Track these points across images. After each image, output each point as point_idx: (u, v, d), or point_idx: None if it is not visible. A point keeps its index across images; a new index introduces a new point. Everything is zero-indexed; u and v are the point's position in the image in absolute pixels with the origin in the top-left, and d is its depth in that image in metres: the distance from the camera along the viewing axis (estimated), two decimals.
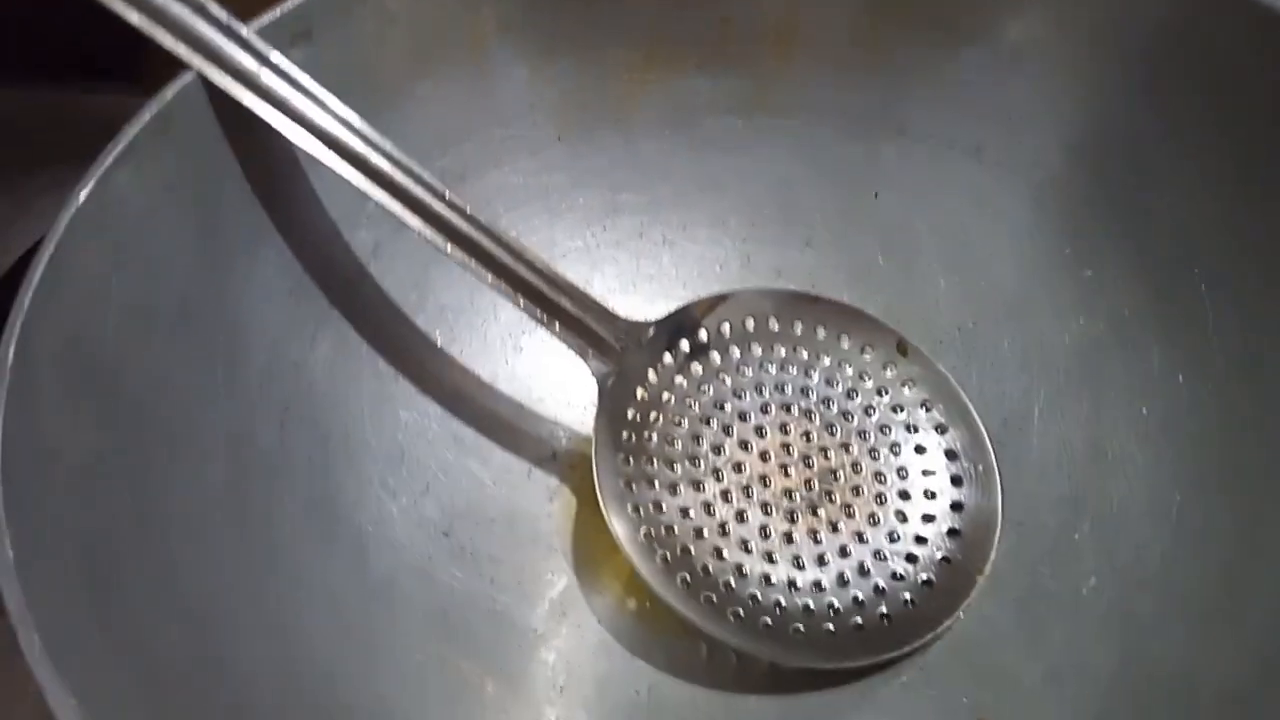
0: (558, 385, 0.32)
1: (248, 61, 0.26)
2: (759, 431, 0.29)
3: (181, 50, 0.25)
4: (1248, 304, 0.26)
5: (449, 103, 0.31)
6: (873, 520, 0.28)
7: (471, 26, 0.30)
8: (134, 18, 0.24)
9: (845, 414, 0.29)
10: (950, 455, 0.29)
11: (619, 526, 0.27)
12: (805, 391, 0.30)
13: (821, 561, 0.27)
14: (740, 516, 0.28)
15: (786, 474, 0.28)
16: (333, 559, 0.26)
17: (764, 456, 0.29)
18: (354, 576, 0.26)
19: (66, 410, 0.21)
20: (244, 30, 0.26)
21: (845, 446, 0.29)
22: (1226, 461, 0.26)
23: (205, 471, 0.24)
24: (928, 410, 0.30)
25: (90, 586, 0.20)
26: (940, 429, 0.29)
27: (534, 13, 0.31)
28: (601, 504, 0.27)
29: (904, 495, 0.28)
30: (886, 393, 0.30)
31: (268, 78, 0.26)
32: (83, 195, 0.23)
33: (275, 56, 0.26)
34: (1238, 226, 0.27)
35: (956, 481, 0.29)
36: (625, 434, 0.28)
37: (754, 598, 0.27)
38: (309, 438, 0.27)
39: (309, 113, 0.26)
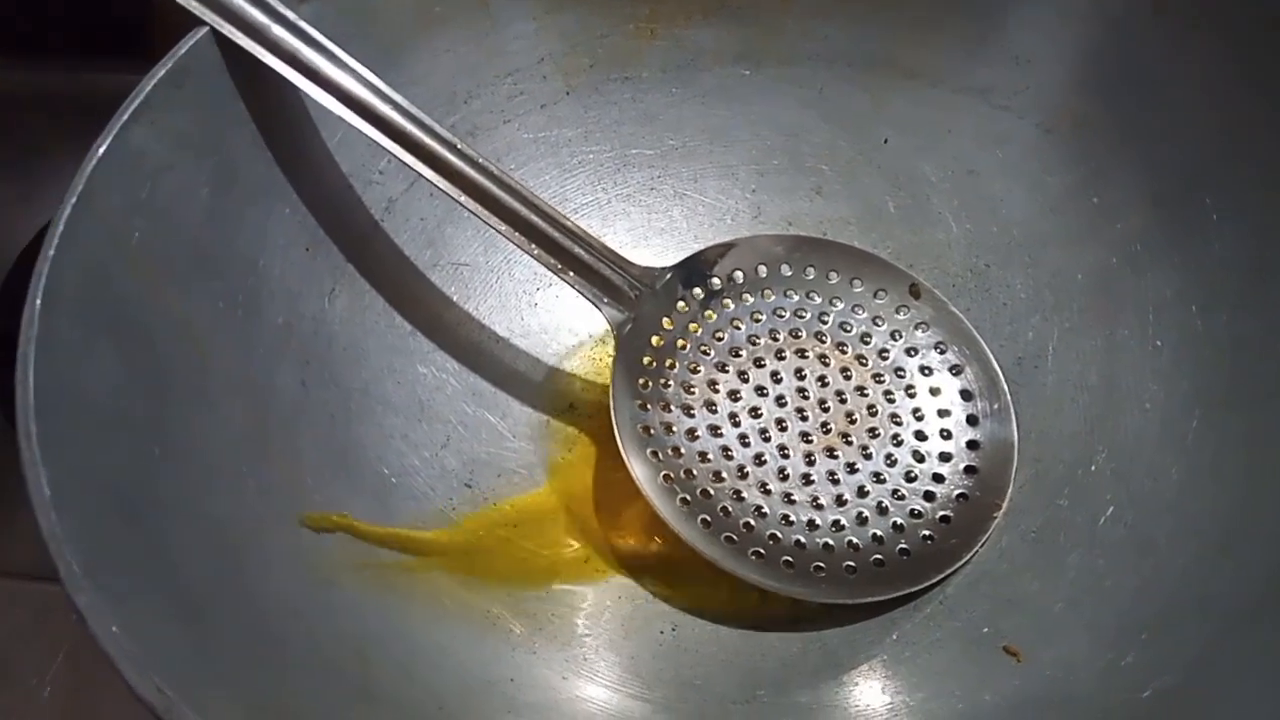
0: (573, 339, 0.32)
1: (259, 15, 0.26)
2: (774, 376, 0.29)
3: (194, 5, 0.25)
4: (1257, 228, 0.27)
5: (458, 58, 0.31)
6: (890, 460, 0.28)
7: None
8: None
9: (860, 357, 0.30)
10: (965, 395, 0.29)
11: (639, 470, 0.27)
12: (820, 336, 0.30)
13: (840, 501, 0.28)
14: (758, 459, 0.28)
15: (803, 417, 0.29)
16: (356, 503, 0.26)
17: (780, 401, 0.29)
18: (380, 523, 0.26)
19: (92, 352, 0.22)
20: None
21: (861, 389, 0.29)
22: (1238, 386, 0.26)
23: (227, 413, 0.25)
24: (942, 352, 0.30)
25: (121, 518, 0.20)
26: (955, 370, 0.30)
27: None
28: (621, 449, 0.27)
29: (920, 435, 0.29)
30: (901, 336, 0.30)
31: (279, 31, 0.26)
32: (101, 149, 0.23)
33: (285, 10, 0.26)
34: (1243, 147, 0.27)
35: (972, 421, 0.29)
36: (642, 381, 0.29)
37: (774, 537, 0.27)
38: (330, 391, 0.28)
39: (322, 66, 0.26)
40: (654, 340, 0.29)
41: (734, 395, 0.29)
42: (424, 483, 0.28)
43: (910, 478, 0.28)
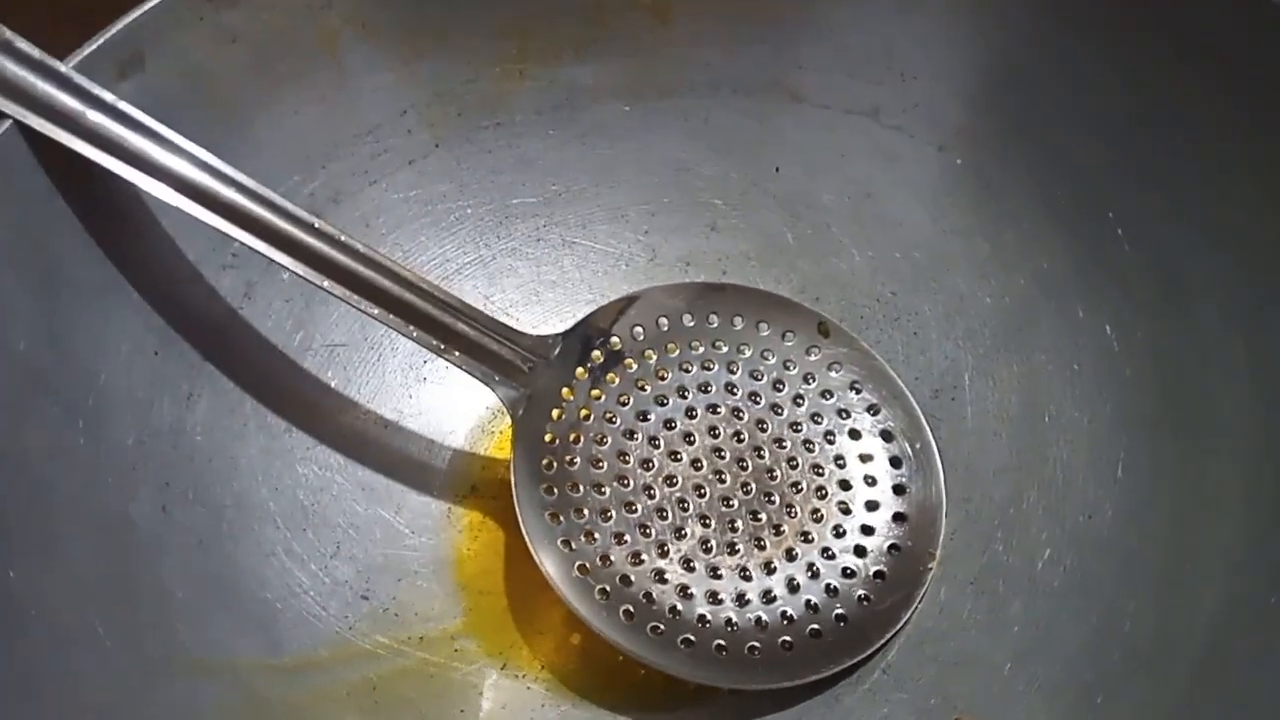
0: (469, 414, 0.29)
1: (69, 101, 0.23)
2: (687, 438, 0.27)
3: None
4: (1163, 238, 0.26)
5: (309, 120, 0.28)
6: (816, 516, 0.27)
7: (321, 31, 0.28)
8: None
9: (775, 407, 0.28)
10: (886, 436, 0.28)
11: (550, 565, 0.25)
12: (730, 388, 0.28)
13: (769, 569, 0.26)
14: (679, 532, 0.26)
15: (721, 480, 0.27)
16: (238, 641, 0.24)
17: (696, 464, 0.27)
18: (266, 659, 0.24)
19: None
20: (61, 66, 0.23)
21: (779, 441, 0.27)
22: (1164, 405, 0.25)
23: (76, 557, 0.22)
24: (858, 392, 0.28)
25: None
26: (873, 410, 0.28)
27: (387, 8, 0.28)
28: (529, 544, 0.25)
29: (844, 485, 0.27)
30: (814, 379, 0.28)
31: (95, 118, 0.23)
32: None
33: (100, 92, 0.23)
34: (1141, 158, 0.26)
35: (895, 463, 0.27)
36: (546, 461, 0.26)
37: (703, 619, 0.25)
38: (197, 511, 0.25)
39: (149, 151, 0.23)
40: (554, 414, 0.27)
41: (646, 464, 0.27)
42: (314, 602, 0.25)
43: (839, 533, 0.26)
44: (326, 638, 0.25)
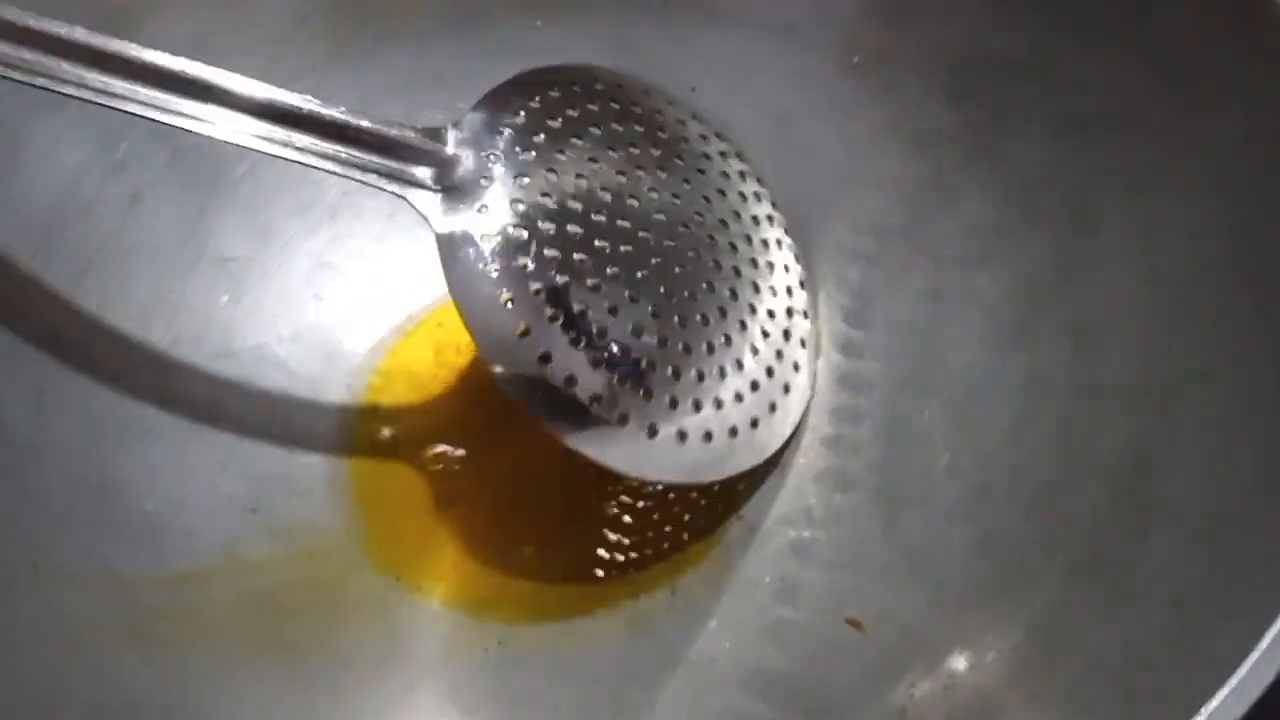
0: (366, 332, 0.29)
1: None
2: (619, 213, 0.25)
3: None
4: (1060, 135, 0.26)
5: (198, 25, 0.27)
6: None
7: None
8: None
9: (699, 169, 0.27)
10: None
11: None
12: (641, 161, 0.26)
13: (709, 349, 0.25)
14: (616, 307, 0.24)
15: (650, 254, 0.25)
16: (118, 553, 0.23)
17: (628, 236, 0.25)
18: (147, 570, 0.23)
19: None
20: None
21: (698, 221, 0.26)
22: (1064, 311, 0.25)
23: None
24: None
25: None
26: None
27: None
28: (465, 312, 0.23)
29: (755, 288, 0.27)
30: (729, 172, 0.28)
31: None
32: None
33: None
34: (1045, 54, 0.26)
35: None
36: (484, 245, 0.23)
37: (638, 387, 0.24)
38: (74, 421, 0.24)
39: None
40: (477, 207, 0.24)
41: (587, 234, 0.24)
42: (199, 515, 0.25)
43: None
44: (212, 551, 0.24)
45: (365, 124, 0.24)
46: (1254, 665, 0.16)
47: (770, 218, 0.29)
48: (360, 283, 0.29)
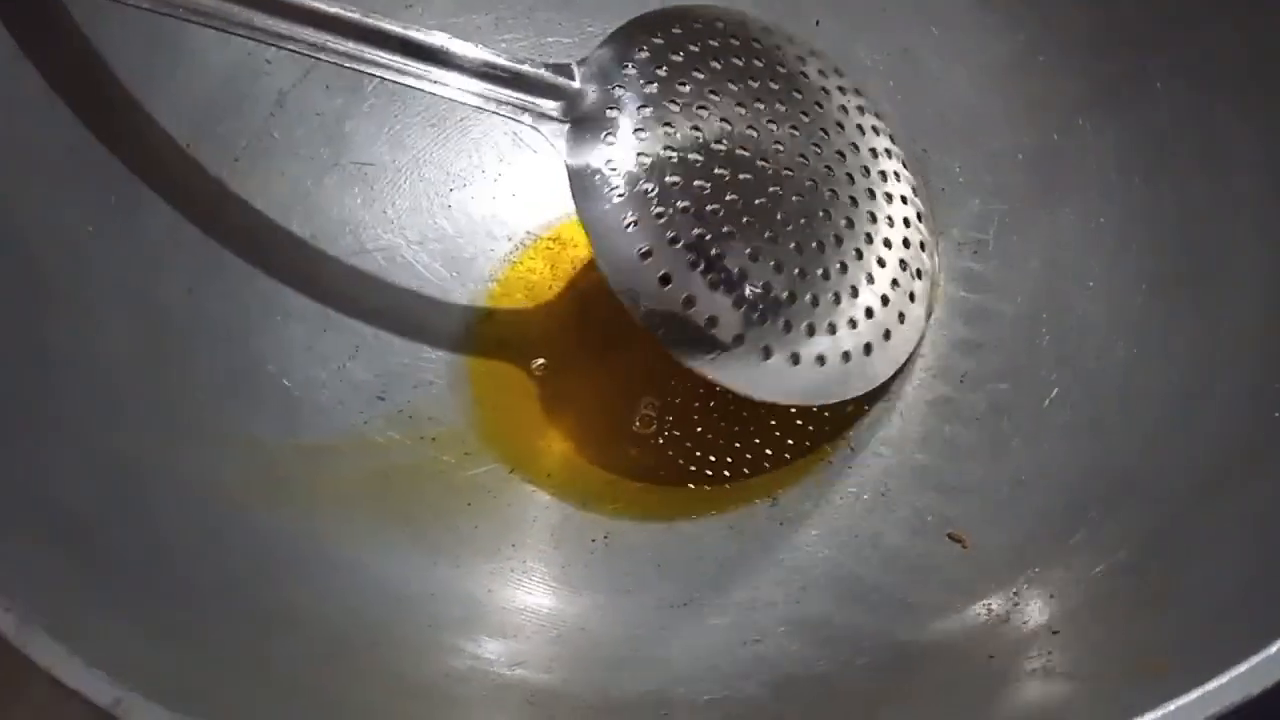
0: (490, 243, 0.30)
1: None
2: (745, 145, 0.26)
3: None
4: (1200, 91, 0.25)
5: None
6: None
7: None
8: None
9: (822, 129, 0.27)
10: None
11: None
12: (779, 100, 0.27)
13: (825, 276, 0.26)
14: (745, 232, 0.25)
15: (779, 189, 0.26)
16: (259, 421, 0.24)
17: (758, 172, 0.25)
18: (285, 439, 0.25)
19: None
20: None
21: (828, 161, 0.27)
22: (1185, 259, 0.25)
23: (109, 330, 0.22)
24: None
25: None
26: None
27: None
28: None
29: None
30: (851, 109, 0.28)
31: None
32: None
33: None
34: (1185, 9, 0.25)
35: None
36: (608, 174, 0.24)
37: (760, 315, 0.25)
38: (223, 305, 0.26)
39: None
40: (604, 137, 0.25)
41: (712, 169, 0.25)
42: (332, 396, 0.26)
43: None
44: (343, 429, 0.26)
45: (501, 60, 0.25)
46: None
47: (888, 151, 0.29)
48: (484, 197, 0.30)
